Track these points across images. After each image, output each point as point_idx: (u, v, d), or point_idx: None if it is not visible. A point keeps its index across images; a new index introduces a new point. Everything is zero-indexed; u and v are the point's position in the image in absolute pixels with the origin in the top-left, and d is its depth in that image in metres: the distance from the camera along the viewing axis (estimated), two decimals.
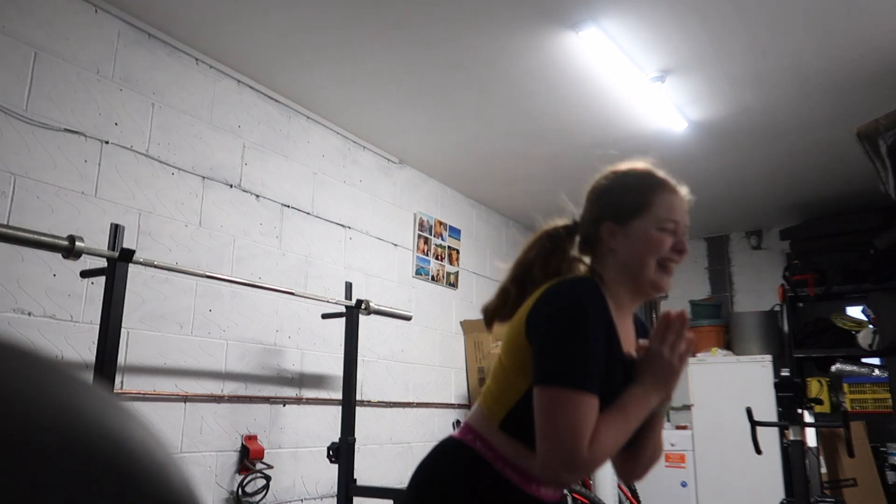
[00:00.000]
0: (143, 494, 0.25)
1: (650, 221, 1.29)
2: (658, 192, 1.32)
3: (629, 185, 1.35)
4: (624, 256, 1.31)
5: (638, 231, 1.29)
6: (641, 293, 1.32)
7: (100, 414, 0.25)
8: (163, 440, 0.28)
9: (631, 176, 1.37)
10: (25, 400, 0.23)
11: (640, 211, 1.30)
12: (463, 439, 1.30)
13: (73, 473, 0.23)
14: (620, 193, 1.36)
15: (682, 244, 1.31)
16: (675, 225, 1.30)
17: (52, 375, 0.25)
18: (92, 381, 0.28)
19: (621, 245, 1.31)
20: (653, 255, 1.28)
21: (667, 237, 1.29)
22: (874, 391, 4.71)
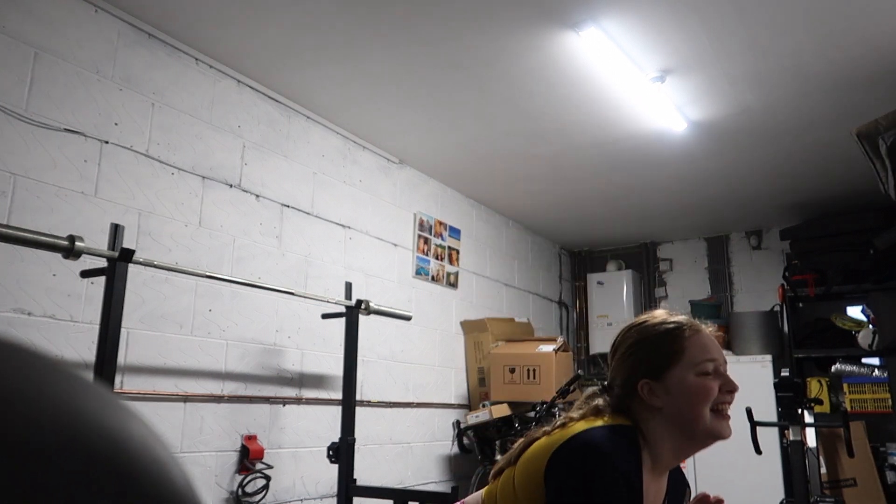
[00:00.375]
0: (143, 494, 0.25)
1: (687, 369, 1.22)
2: (686, 335, 1.26)
3: (654, 339, 1.27)
4: (672, 412, 1.22)
5: (678, 382, 1.21)
6: (699, 445, 1.24)
7: (100, 413, 0.25)
8: (163, 440, 0.28)
9: (648, 329, 1.30)
10: (25, 399, 0.23)
11: (673, 360, 1.23)
12: None
13: (73, 473, 0.23)
14: (649, 347, 1.27)
15: (730, 383, 1.24)
16: (715, 363, 1.24)
17: (53, 375, 0.25)
18: (92, 380, 0.28)
19: (665, 401, 1.22)
20: (703, 404, 1.20)
21: (710, 381, 1.22)
22: (874, 391, 4.71)
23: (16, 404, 0.23)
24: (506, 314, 5.26)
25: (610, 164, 4.30)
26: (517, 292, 5.56)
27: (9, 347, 0.25)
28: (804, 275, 4.93)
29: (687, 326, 1.28)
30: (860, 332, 4.72)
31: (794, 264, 5.03)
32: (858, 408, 4.71)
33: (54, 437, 0.23)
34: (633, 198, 4.93)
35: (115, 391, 2.51)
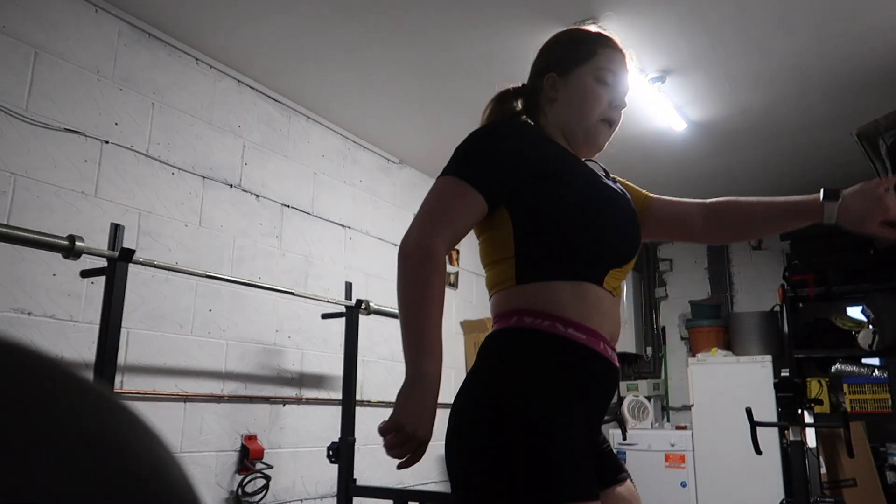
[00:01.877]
0: (144, 494, 0.25)
1: (589, 71, 1.28)
2: (602, 44, 1.31)
3: (574, 37, 1.36)
4: (562, 108, 1.30)
5: (576, 81, 1.29)
6: (576, 149, 1.31)
7: (100, 414, 0.25)
8: (163, 440, 0.28)
9: (578, 30, 1.38)
10: (26, 400, 0.23)
11: (582, 60, 1.29)
12: (502, 326, 1.17)
13: (73, 473, 0.23)
14: (565, 44, 1.35)
15: (618, 98, 1.30)
16: (614, 77, 1.29)
17: (53, 375, 0.25)
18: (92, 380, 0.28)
19: (561, 96, 1.30)
20: (589, 108, 1.28)
21: (604, 91, 1.28)
22: (874, 391, 4.71)
23: (16, 405, 0.23)
24: None
25: (610, 164, 4.29)
26: None
27: (9, 348, 0.25)
28: (804, 275, 4.93)
29: (609, 39, 1.33)
30: (860, 332, 4.72)
31: (794, 264, 5.02)
32: (858, 408, 4.71)
33: (54, 438, 0.23)
34: None
35: (115, 391, 2.51)
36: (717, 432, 4.99)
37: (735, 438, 4.52)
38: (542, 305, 1.13)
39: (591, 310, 1.14)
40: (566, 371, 1.10)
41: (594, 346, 1.13)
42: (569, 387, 1.09)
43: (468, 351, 4.76)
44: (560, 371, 1.10)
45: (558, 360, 1.11)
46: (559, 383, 1.09)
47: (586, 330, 1.13)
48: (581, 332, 1.12)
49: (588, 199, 1.20)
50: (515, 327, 1.14)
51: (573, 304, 1.13)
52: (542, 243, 1.17)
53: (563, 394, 1.08)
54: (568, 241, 1.17)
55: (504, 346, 1.16)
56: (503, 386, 1.10)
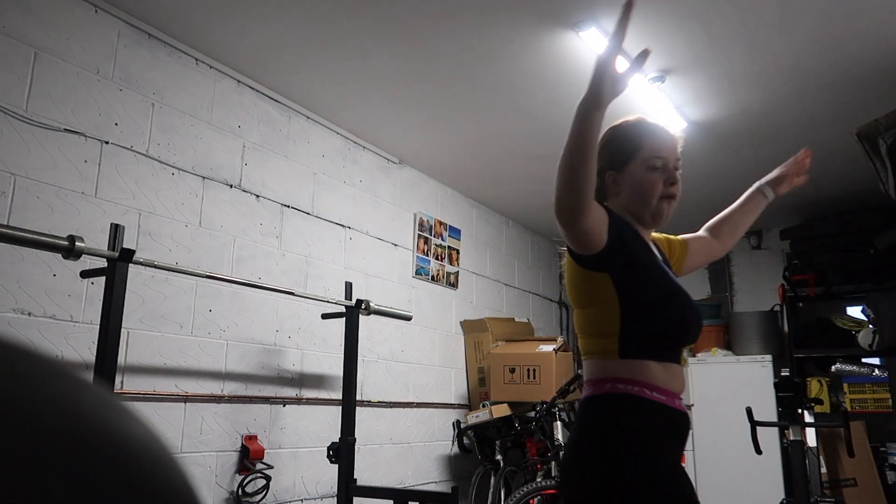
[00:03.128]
0: (144, 494, 0.25)
1: (640, 164, 1.48)
2: (646, 136, 1.50)
3: (621, 135, 1.53)
4: (626, 198, 1.50)
5: (630, 175, 1.49)
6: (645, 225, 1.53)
7: (100, 414, 0.25)
8: (163, 440, 0.28)
9: (622, 127, 1.55)
10: (26, 400, 0.23)
11: (632, 156, 1.49)
12: (599, 392, 1.40)
13: (74, 473, 0.23)
14: (615, 143, 1.53)
15: (672, 177, 1.48)
16: (663, 161, 1.48)
17: (53, 375, 0.25)
18: (92, 381, 0.28)
19: (623, 189, 1.50)
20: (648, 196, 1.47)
21: (656, 176, 1.47)
22: (874, 391, 4.71)
23: (16, 405, 0.23)
24: (506, 314, 5.26)
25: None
26: (517, 292, 5.56)
27: (9, 348, 0.25)
28: (804, 275, 4.93)
29: (650, 127, 1.52)
30: (860, 332, 4.72)
31: (794, 264, 5.02)
32: (858, 408, 4.71)
33: (55, 438, 0.23)
34: None
35: (115, 391, 2.51)
36: (717, 432, 4.99)
37: (735, 438, 4.52)
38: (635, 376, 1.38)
39: (670, 379, 1.41)
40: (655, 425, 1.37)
41: (671, 404, 1.40)
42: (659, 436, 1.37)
43: (468, 351, 4.76)
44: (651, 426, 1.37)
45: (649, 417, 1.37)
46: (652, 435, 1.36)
47: (664, 392, 1.39)
48: (661, 394, 1.39)
49: (671, 289, 1.45)
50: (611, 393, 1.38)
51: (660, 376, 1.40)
52: (642, 327, 1.40)
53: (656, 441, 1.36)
54: (661, 328, 1.42)
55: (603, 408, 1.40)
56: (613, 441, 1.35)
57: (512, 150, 4.12)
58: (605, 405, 1.38)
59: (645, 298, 1.41)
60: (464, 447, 4.41)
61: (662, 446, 1.36)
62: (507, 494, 4.02)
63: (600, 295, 1.41)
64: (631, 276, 1.41)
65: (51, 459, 0.22)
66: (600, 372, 1.41)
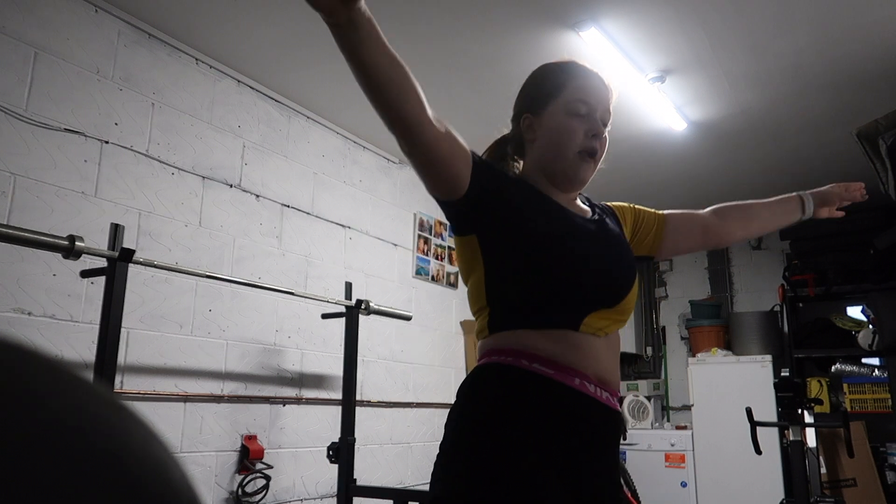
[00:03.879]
0: (143, 494, 0.25)
1: (559, 108, 1.24)
2: (571, 77, 1.27)
3: (544, 73, 1.32)
4: (540, 147, 1.27)
5: (548, 120, 1.25)
6: (555, 185, 1.26)
7: (100, 413, 0.25)
8: (163, 440, 0.28)
9: (547, 65, 1.34)
10: (26, 400, 0.23)
11: (552, 96, 1.26)
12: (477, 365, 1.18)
13: (74, 473, 0.23)
14: (537, 82, 1.32)
15: (596, 128, 1.23)
16: (588, 108, 1.24)
17: (53, 375, 0.25)
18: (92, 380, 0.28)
19: (538, 135, 1.27)
20: (565, 144, 1.23)
21: (577, 123, 1.23)
22: (874, 391, 4.71)
23: (16, 404, 0.23)
24: None
25: (610, 164, 4.29)
26: None
27: (9, 348, 0.25)
28: (804, 275, 4.93)
29: (577, 67, 1.29)
30: (860, 332, 4.72)
31: (794, 264, 5.02)
32: (858, 408, 4.71)
33: (55, 438, 0.23)
34: (633, 198, 4.92)
35: (115, 391, 2.51)
36: (717, 432, 4.99)
37: (735, 438, 4.52)
38: (509, 345, 1.13)
39: (567, 351, 1.11)
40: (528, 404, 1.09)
41: (566, 382, 1.10)
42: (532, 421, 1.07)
43: (468, 351, 4.76)
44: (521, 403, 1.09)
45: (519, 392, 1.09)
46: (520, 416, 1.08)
47: (555, 366, 1.10)
48: (548, 367, 1.10)
49: (556, 243, 1.16)
50: (482, 365, 1.16)
51: (542, 345, 1.11)
52: (510, 291, 1.16)
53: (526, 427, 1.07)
54: (535, 288, 1.14)
55: (469, 383, 1.16)
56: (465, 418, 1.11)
57: None
58: (473, 380, 1.16)
59: (514, 256, 1.15)
60: None
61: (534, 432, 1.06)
62: None
63: (473, 263, 1.20)
64: (500, 233, 1.17)
65: (50, 459, 0.22)
66: (480, 350, 1.19)
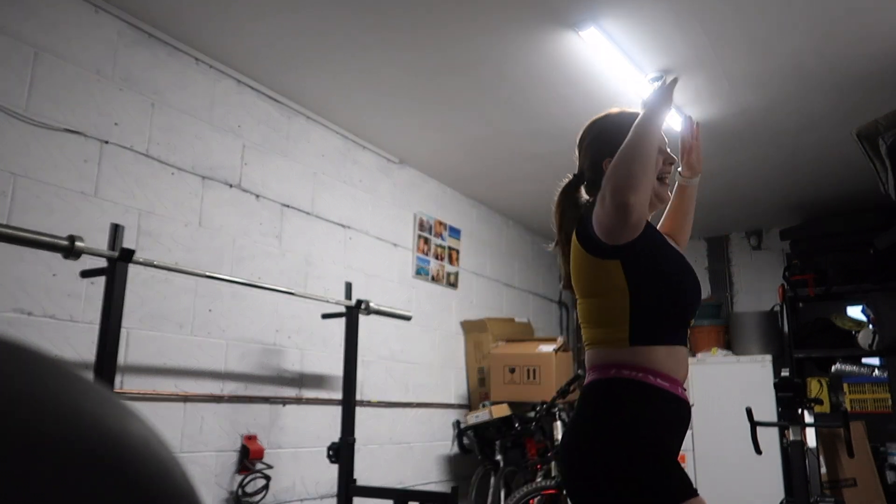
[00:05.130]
0: (144, 493, 0.25)
1: None
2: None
3: (616, 124, 1.58)
4: None
5: None
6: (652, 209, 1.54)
7: (100, 413, 0.25)
8: (163, 440, 0.28)
9: (613, 116, 1.62)
10: (27, 399, 0.23)
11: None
12: (604, 377, 1.40)
13: (74, 473, 0.23)
14: (613, 130, 1.56)
15: (670, 157, 1.57)
16: (660, 143, 1.52)
17: (54, 375, 0.25)
18: (92, 380, 0.28)
19: None
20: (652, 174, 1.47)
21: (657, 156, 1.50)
22: (874, 391, 4.71)
23: (17, 404, 0.23)
24: (506, 314, 5.26)
25: None
26: (517, 292, 5.56)
27: (10, 347, 0.25)
28: (804, 275, 4.93)
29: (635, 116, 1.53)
30: (860, 332, 4.72)
31: (794, 264, 5.02)
32: (858, 408, 4.71)
33: (55, 437, 0.23)
34: None
35: (115, 391, 2.51)
36: (717, 432, 4.99)
37: (735, 438, 4.52)
38: (641, 362, 1.39)
39: (675, 364, 1.42)
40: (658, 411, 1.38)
41: (674, 391, 1.40)
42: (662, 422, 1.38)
43: (468, 351, 4.76)
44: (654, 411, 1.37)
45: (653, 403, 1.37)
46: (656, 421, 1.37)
47: (669, 378, 1.39)
48: (665, 381, 1.39)
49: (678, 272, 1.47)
50: (616, 378, 1.39)
51: (664, 360, 1.40)
52: (652, 312, 1.42)
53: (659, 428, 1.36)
54: (672, 309, 1.44)
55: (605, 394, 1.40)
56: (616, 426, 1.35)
57: (512, 150, 4.12)
58: (610, 390, 1.38)
59: (657, 281, 1.42)
60: (464, 447, 4.41)
61: (665, 433, 1.37)
62: (507, 494, 4.02)
63: (610, 282, 1.42)
64: (644, 259, 1.42)
65: (50, 459, 0.22)
66: (606, 359, 1.41)
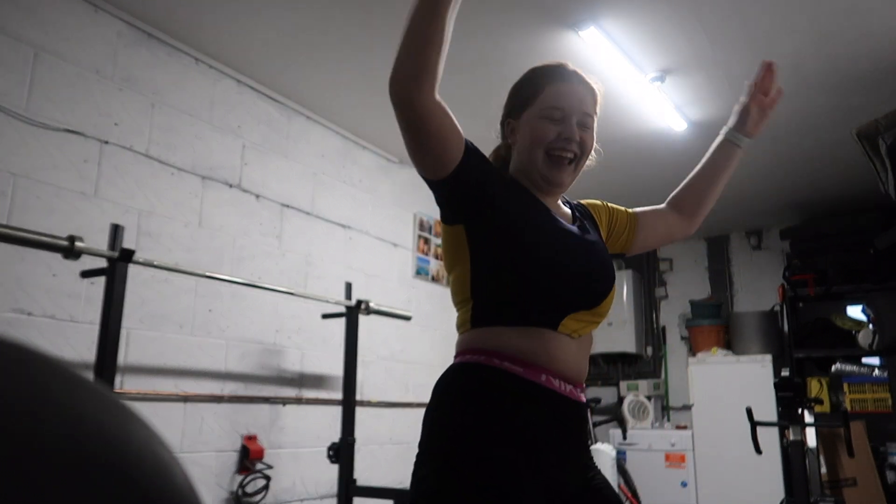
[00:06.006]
0: (144, 494, 0.25)
1: (534, 112, 1.28)
2: (548, 81, 1.31)
3: (524, 79, 1.35)
4: (518, 151, 1.30)
5: (524, 124, 1.29)
6: (537, 188, 1.29)
7: (101, 414, 0.25)
8: (163, 440, 0.28)
9: (529, 70, 1.36)
10: (27, 400, 0.23)
11: (529, 102, 1.29)
12: (452, 364, 1.24)
13: (74, 473, 0.23)
14: (517, 87, 1.36)
15: (569, 131, 1.26)
16: (562, 113, 1.26)
17: (54, 375, 0.25)
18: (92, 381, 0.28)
19: (518, 140, 1.31)
20: (536, 147, 1.26)
21: (550, 126, 1.26)
22: (874, 391, 4.71)
23: (17, 405, 0.23)
24: None
25: (610, 163, 4.29)
26: None
27: (10, 348, 0.25)
28: (804, 275, 4.93)
29: (555, 72, 1.32)
30: (860, 332, 4.72)
31: (794, 264, 5.02)
32: (858, 408, 4.71)
33: (56, 438, 0.23)
34: (633, 198, 4.92)
35: (115, 391, 2.51)
36: (717, 432, 4.99)
37: (735, 438, 4.52)
38: (485, 344, 1.17)
39: (539, 349, 1.16)
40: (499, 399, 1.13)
41: (533, 378, 1.14)
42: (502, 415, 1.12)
43: None
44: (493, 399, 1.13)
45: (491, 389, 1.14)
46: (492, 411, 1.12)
47: (524, 363, 1.14)
48: (518, 364, 1.14)
49: (543, 245, 1.20)
50: (457, 364, 1.21)
51: (515, 344, 1.15)
52: (495, 288, 1.19)
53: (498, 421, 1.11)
54: (519, 287, 1.18)
55: (444, 381, 1.22)
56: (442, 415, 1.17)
57: None
58: (448, 378, 1.21)
59: (500, 252, 1.18)
60: None
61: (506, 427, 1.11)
62: None
63: (458, 254, 1.22)
64: (488, 227, 1.20)
65: (50, 459, 0.22)
66: (458, 346, 1.24)
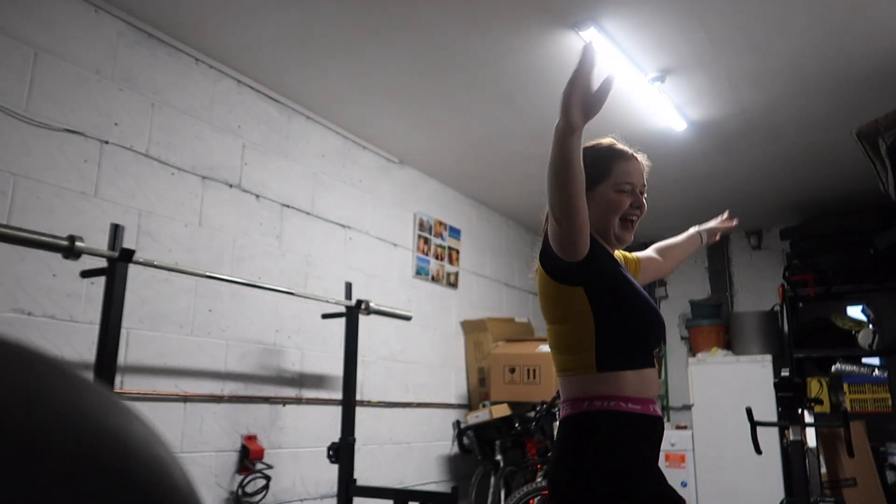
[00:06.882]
0: (144, 494, 0.25)
1: (610, 186, 1.57)
2: (616, 161, 1.59)
3: (594, 158, 1.57)
4: (594, 217, 1.54)
5: (601, 195, 1.57)
6: (610, 245, 1.60)
7: (101, 413, 0.25)
8: (163, 440, 0.28)
9: (595, 148, 1.62)
10: (27, 400, 0.23)
11: (602, 178, 1.57)
12: (577, 412, 1.44)
13: (74, 473, 0.23)
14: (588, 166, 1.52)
15: (638, 201, 1.59)
16: (632, 186, 1.58)
17: (54, 375, 0.25)
18: (92, 381, 0.28)
19: (592, 208, 1.53)
20: (613, 214, 1.57)
21: (624, 198, 1.56)
22: (874, 391, 4.71)
23: (18, 404, 0.23)
24: (506, 314, 5.26)
25: None
26: (517, 292, 5.56)
27: (11, 348, 0.25)
28: (804, 275, 4.93)
29: (620, 153, 1.61)
30: (860, 332, 4.72)
31: (794, 264, 5.02)
32: (858, 408, 4.71)
33: (56, 438, 0.23)
34: None
35: (115, 391, 2.51)
36: (717, 432, 4.99)
37: (735, 438, 4.52)
38: (612, 390, 1.43)
39: (644, 386, 1.47)
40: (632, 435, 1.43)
41: (646, 412, 1.46)
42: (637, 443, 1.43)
43: (468, 350, 4.76)
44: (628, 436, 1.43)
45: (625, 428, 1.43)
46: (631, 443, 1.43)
47: (640, 401, 1.45)
48: (637, 403, 1.44)
49: (637, 297, 1.51)
50: (588, 412, 1.44)
51: (633, 385, 1.45)
52: (615, 338, 1.46)
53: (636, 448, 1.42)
54: (634, 336, 1.49)
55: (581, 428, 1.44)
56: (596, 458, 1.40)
57: (512, 150, 4.12)
58: (583, 424, 1.43)
59: (617, 309, 1.47)
60: (464, 447, 4.41)
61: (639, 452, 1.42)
62: (507, 494, 4.02)
63: (575, 309, 1.46)
64: (604, 287, 1.47)
65: (51, 460, 0.22)
66: (577, 390, 1.46)
